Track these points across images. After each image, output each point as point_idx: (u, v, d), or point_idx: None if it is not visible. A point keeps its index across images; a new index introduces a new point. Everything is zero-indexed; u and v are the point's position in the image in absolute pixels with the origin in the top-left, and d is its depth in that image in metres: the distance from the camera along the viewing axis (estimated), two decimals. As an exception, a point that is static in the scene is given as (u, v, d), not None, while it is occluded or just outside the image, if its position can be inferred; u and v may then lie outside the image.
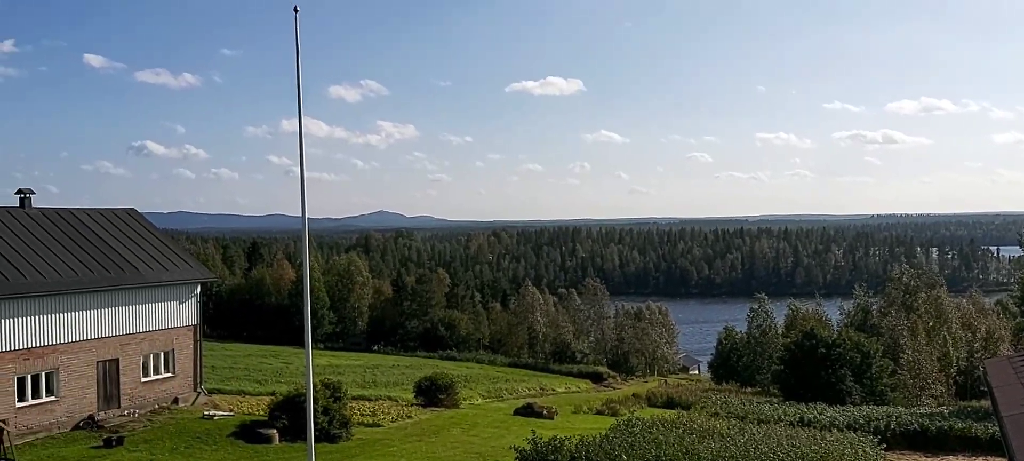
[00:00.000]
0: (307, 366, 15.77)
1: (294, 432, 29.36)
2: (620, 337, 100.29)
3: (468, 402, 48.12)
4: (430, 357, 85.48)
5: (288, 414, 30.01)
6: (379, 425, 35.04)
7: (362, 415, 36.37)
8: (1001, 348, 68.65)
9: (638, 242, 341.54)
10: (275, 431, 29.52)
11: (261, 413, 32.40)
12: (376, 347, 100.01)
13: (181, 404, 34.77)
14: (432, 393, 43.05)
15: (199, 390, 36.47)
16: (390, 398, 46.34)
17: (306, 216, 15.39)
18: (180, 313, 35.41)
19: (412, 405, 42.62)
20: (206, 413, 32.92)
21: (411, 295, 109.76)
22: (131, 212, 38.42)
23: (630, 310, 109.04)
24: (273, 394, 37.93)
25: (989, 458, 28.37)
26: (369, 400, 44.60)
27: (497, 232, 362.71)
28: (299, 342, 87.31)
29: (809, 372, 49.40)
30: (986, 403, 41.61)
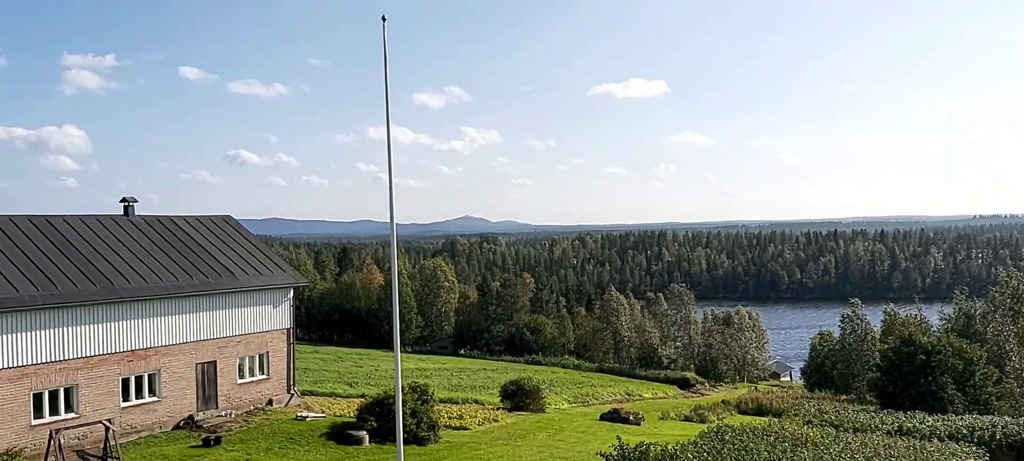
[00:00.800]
0: (396, 369, 16.07)
1: (383, 434, 29.90)
2: (708, 342, 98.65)
3: (554, 407, 48.11)
4: (515, 361, 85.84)
5: (377, 416, 30.58)
6: (466, 428, 35.34)
7: (449, 418, 36.76)
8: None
9: (726, 245, 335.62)
10: (365, 433, 30.12)
11: (351, 415, 33.10)
12: (462, 351, 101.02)
13: (275, 405, 35.84)
14: (518, 397, 43.22)
15: (292, 392, 37.53)
16: (476, 402, 46.75)
17: (394, 222, 15.69)
18: (274, 317, 36.53)
19: (498, 409, 42.88)
20: (299, 415, 33.84)
21: (496, 299, 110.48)
22: (227, 219, 39.87)
23: (718, 315, 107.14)
24: (363, 396, 38.71)
25: (1105, 472, 26.82)
26: (456, 403, 45.09)
27: (581, 236, 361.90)
28: (388, 345, 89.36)
29: (908, 379, 47.60)
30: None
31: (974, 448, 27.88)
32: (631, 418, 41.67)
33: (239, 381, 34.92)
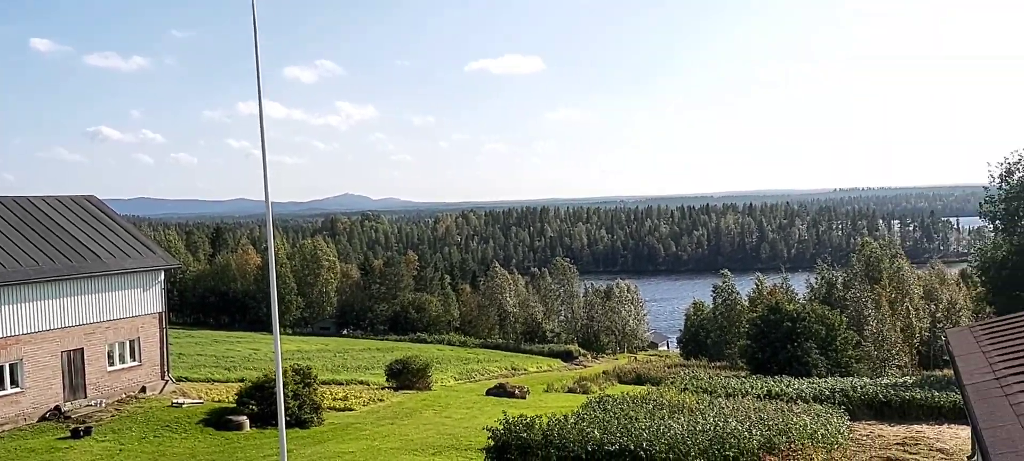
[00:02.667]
0: (276, 351, 15.64)
1: (264, 418, 29.19)
2: (590, 315, 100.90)
3: (440, 384, 48.16)
4: (400, 340, 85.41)
5: (258, 400, 29.81)
6: (351, 409, 34.93)
7: (333, 399, 36.22)
8: (963, 317, 70.13)
9: (606, 221, 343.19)
10: (245, 418, 29.31)
11: (230, 400, 32.12)
12: (345, 331, 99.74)
13: (148, 393, 34.37)
14: (404, 376, 43.02)
15: (167, 378, 36.08)
16: (361, 382, 46.27)
17: (269, 200, 15.19)
18: (144, 301, 34.93)
19: (384, 388, 42.57)
20: (174, 401, 32.58)
21: (379, 278, 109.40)
22: (91, 199, 37.73)
23: (599, 288, 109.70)
24: (242, 381, 37.63)
25: (952, 426, 28.96)
26: (340, 384, 44.48)
27: (465, 213, 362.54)
28: (267, 328, 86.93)
29: (775, 346, 49.98)
30: (949, 372, 42.51)
31: (836, 408, 29.58)
32: (516, 392, 42.17)
33: (109, 369, 33.27)
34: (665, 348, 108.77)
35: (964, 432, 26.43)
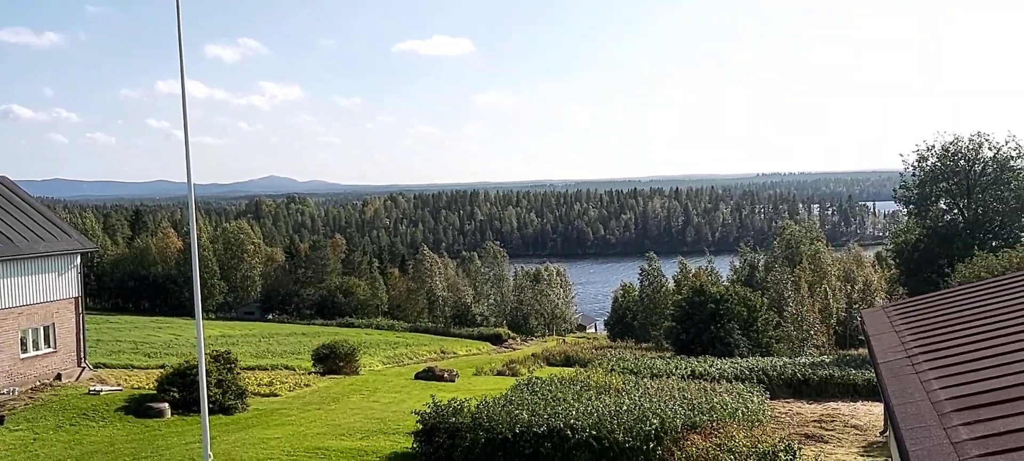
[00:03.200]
0: (198, 337, 15.26)
1: (186, 405, 28.50)
2: (520, 299, 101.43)
3: (368, 368, 47.79)
4: (327, 324, 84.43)
5: (179, 387, 29.07)
6: (276, 395, 34.37)
7: (258, 385, 35.59)
8: (877, 298, 72.84)
9: (535, 204, 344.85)
10: (166, 405, 28.55)
11: (151, 387, 31.24)
12: (271, 316, 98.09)
13: (64, 380, 33.17)
14: (331, 361, 42.55)
15: (83, 365, 34.88)
16: (287, 367, 45.60)
17: (192, 182, 14.75)
18: (59, 285, 33.65)
19: (310, 373, 42.04)
20: (92, 389, 31.51)
21: (305, 262, 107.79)
22: (1, 180, 36.12)
23: (529, 272, 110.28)
24: (163, 367, 36.66)
25: (866, 403, 30.05)
26: (265, 370, 43.76)
27: (393, 196, 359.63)
28: (189, 313, 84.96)
29: (699, 327, 51.01)
30: (864, 351, 44.09)
31: (757, 387, 30.37)
32: (446, 375, 42.14)
33: (22, 355, 31.95)
34: (593, 330, 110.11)
35: (878, 408, 27.48)
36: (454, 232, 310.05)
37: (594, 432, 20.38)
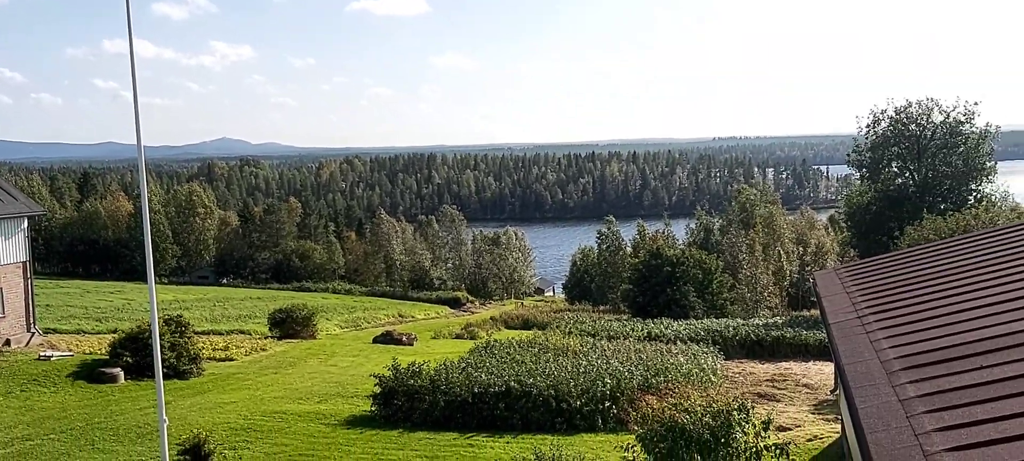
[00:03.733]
0: (152, 301, 15.00)
1: (140, 370, 28.12)
2: (478, 263, 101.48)
3: (325, 332, 47.58)
4: (283, 289, 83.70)
5: (132, 352, 28.64)
6: (232, 359, 34.10)
7: (214, 350, 35.28)
8: (829, 260, 74.29)
9: (493, 168, 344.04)
10: (120, 370, 28.15)
11: (103, 352, 30.75)
12: (225, 280, 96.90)
13: (13, 346, 32.48)
14: (288, 325, 42.27)
15: (33, 331, 34.17)
16: (243, 332, 45.20)
17: (141, 144, 14.40)
18: (6, 250, 32.80)
19: (267, 338, 41.74)
20: (42, 354, 30.91)
21: (260, 225, 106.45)
22: (-58, 142, 34.97)
23: (487, 236, 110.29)
24: (116, 332, 36.08)
25: (817, 362, 30.75)
26: (221, 335, 43.32)
27: (350, 159, 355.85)
28: (141, 277, 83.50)
29: (656, 289, 51.58)
30: (816, 312, 45.00)
31: (712, 348, 30.90)
32: (404, 339, 42.16)
33: (-34, 322, 31.21)
34: (551, 294, 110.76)
35: (829, 368, 28.13)
36: (411, 196, 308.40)
37: (551, 393, 20.60)
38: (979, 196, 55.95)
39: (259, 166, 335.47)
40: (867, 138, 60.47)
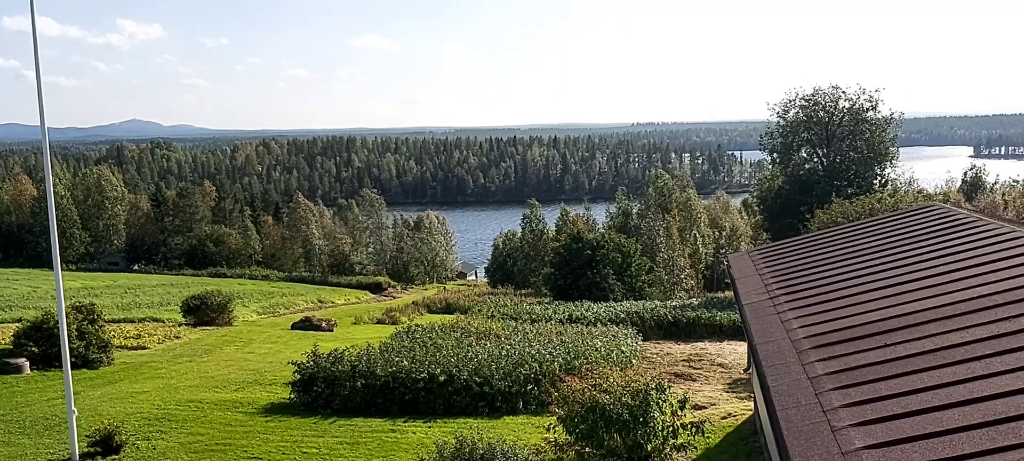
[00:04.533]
0: (58, 288, 14.46)
1: (47, 360, 27.05)
2: (399, 247, 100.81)
3: (242, 319, 46.63)
4: (198, 275, 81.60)
5: (37, 341, 27.51)
6: (145, 348, 33.13)
7: (125, 338, 34.22)
8: (743, 243, 76.43)
9: (415, 151, 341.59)
10: (25, 360, 27.00)
11: (6, 342, 29.48)
12: (136, 267, 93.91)
13: (-95, 339, 30.84)
14: (202, 311, 41.25)
15: (-74, 322, 32.50)
16: (156, 319, 43.93)
17: (45, 125, 13.84)
18: None
19: (181, 325, 40.67)
20: (-63, 347, 29.44)
21: (173, 210, 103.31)
22: None
23: (409, 220, 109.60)
24: (20, 321, 34.61)
25: (731, 342, 31.66)
26: (132, 322, 42.06)
27: (266, 142, 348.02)
28: (47, 264, 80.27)
29: (577, 273, 52.14)
30: (730, 294, 46.24)
31: (631, 330, 31.47)
32: (324, 325, 41.66)
33: None
34: (474, 278, 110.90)
35: (742, 347, 28.99)
36: (330, 179, 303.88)
37: (474, 377, 20.68)
38: (884, 180, 58.33)
39: (171, 149, 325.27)
40: (778, 124, 62.31)
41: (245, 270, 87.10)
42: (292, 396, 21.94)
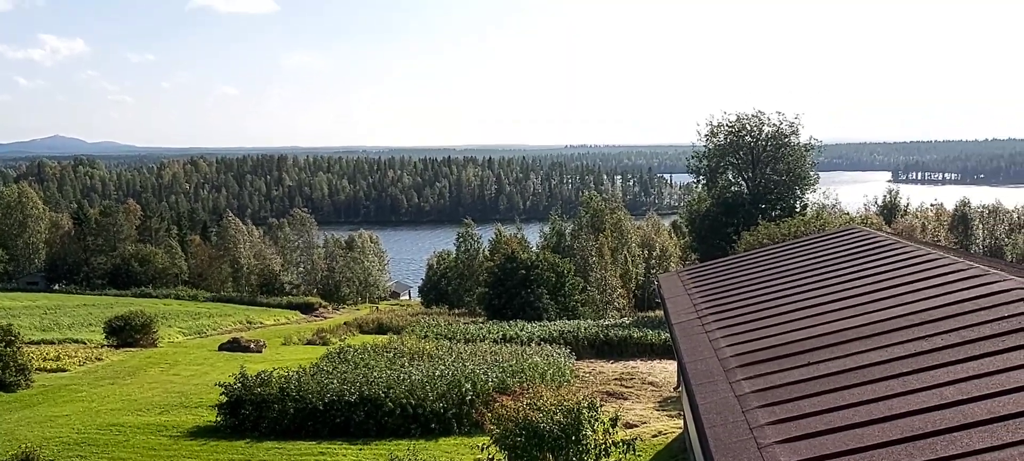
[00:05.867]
0: (-29, 310, 13.87)
1: (-43, 385, 25.92)
2: (331, 267, 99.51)
3: (167, 340, 45.43)
4: (122, 295, 79.20)
5: (-52, 366, 26.37)
6: (65, 370, 31.99)
7: (44, 360, 33.02)
8: (672, 263, 77.68)
9: (347, 170, 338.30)
10: (-68, 386, 25.84)
11: (-88, 367, 28.10)
12: (57, 287, 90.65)
13: None
14: (126, 333, 40.05)
15: None
16: (77, 341, 42.52)
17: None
18: None
19: (103, 346, 39.42)
20: None
21: (96, 228, 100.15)
22: None
23: (341, 239, 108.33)
24: (-73, 344, 33.07)
25: (662, 361, 32.09)
26: (52, 344, 40.62)
27: (194, 160, 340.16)
28: (-41, 284, 76.53)
29: (511, 292, 52.32)
30: (660, 313, 46.86)
31: (564, 349, 31.64)
32: (252, 346, 40.83)
33: None
34: (407, 298, 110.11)
35: (672, 366, 29.41)
36: (260, 198, 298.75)
37: (407, 398, 20.50)
38: (804, 204, 60.15)
39: (95, 166, 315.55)
40: (706, 148, 63.72)
41: (171, 290, 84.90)
42: (218, 419, 21.40)
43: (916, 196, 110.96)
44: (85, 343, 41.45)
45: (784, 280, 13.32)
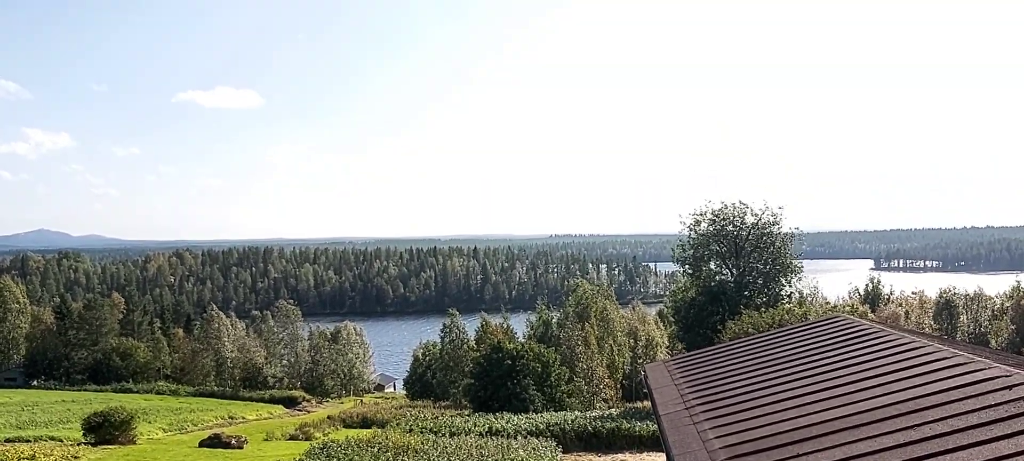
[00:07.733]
0: (-55, 409, 13.56)
1: (-73, 487, 25.15)
2: (315, 359, 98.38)
3: (147, 437, 44.47)
4: (102, 390, 77.91)
5: (-81, 466, 25.63)
6: (38, 470, 31.16)
7: (19, 459, 32.15)
8: (659, 353, 77.29)
9: (333, 261, 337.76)
10: (-99, 488, 25.05)
11: None
12: (36, 382, 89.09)
13: None
14: (105, 430, 39.22)
15: None
16: (53, 438, 41.57)
17: (-55, 234, 13.24)
18: None
19: (80, 444, 38.53)
20: None
21: (78, 323, 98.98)
22: None
23: (326, 331, 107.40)
24: (-101, 444, 32.25)
25: (651, 453, 31.66)
26: (27, 442, 39.65)
27: (179, 252, 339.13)
28: (-65, 381, 75.10)
29: (497, 384, 51.72)
30: (648, 404, 46.47)
31: (550, 442, 31.21)
32: (233, 442, 40.01)
33: None
34: (392, 390, 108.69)
35: (661, 458, 28.98)
36: (246, 290, 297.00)
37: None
38: (789, 292, 60.37)
39: (79, 259, 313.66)
40: (690, 237, 64.21)
41: (152, 385, 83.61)
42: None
43: (899, 283, 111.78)
44: (62, 441, 40.51)
45: (771, 369, 13.27)
